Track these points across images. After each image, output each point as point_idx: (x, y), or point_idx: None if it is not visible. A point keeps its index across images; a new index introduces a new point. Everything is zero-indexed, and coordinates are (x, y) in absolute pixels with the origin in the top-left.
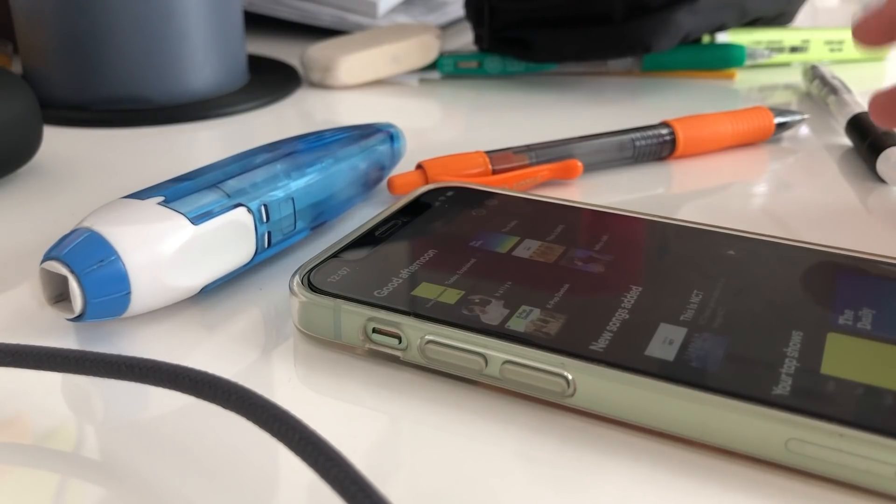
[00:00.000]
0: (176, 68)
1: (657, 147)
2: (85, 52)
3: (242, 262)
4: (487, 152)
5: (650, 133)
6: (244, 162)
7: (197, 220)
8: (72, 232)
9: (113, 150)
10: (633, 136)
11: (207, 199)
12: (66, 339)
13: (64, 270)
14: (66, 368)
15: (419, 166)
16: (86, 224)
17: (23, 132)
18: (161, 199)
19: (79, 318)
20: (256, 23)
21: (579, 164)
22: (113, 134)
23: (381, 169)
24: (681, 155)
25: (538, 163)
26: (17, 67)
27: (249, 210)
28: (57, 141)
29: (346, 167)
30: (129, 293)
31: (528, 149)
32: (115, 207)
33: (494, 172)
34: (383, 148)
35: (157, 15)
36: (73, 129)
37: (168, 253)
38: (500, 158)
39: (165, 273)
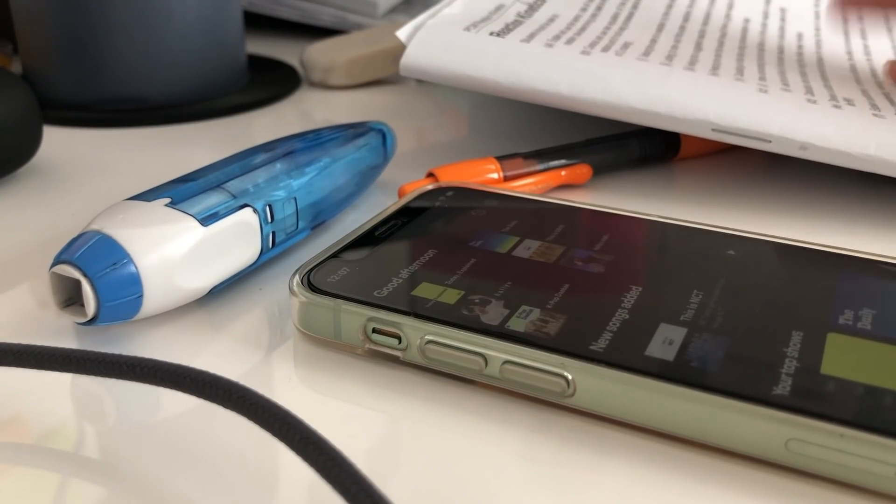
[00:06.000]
0: (176, 68)
1: (661, 148)
2: (85, 52)
3: (249, 262)
4: (497, 158)
5: (654, 135)
6: (244, 162)
7: (205, 221)
8: (81, 235)
9: (113, 150)
10: (637, 137)
11: (213, 199)
12: (67, 339)
13: (77, 274)
14: (67, 368)
15: (430, 174)
16: (95, 226)
17: (23, 132)
18: (168, 200)
19: (91, 321)
20: (256, 23)
21: (589, 168)
22: (113, 134)
23: (375, 167)
24: (684, 156)
25: (547, 169)
26: (17, 67)
27: (255, 210)
28: (57, 141)
29: (343, 165)
30: (141, 296)
31: (538, 154)
32: (123, 209)
33: (506, 179)
34: (376, 146)
35: (156, 15)
36: (73, 129)
37: (179, 255)
38: (511, 164)
39: (176, 275)
